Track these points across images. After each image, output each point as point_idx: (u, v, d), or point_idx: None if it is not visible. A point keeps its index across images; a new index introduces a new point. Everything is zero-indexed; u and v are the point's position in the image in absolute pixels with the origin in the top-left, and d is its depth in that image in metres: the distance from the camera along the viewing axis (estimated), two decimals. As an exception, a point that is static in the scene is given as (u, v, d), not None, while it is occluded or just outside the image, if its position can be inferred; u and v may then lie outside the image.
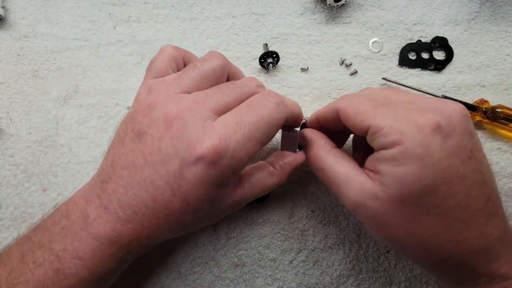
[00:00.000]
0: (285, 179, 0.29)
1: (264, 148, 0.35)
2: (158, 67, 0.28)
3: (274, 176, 0.29)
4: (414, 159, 0.22)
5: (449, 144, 0.22)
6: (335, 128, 0.29)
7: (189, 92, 0.26)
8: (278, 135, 0.32)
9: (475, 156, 0.23)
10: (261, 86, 0.28)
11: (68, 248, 0.24)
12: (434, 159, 0.22)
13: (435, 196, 0.22)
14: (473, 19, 0.39)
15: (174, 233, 0.27)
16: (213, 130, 0.23)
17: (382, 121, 0.23)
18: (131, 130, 0.26)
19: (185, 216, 0.25)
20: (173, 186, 0.24)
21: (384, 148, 0.23)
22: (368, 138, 0.25)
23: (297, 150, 0.30)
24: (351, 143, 0.35)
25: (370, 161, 0.25)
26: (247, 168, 0.29)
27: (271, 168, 0.29)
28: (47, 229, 0.26)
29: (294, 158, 0.30)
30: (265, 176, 0.28)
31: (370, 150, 0.25)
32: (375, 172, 0.24)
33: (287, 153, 0.30)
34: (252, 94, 0.27)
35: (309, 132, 0.30)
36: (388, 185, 0.23)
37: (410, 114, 0.23)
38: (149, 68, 0.29)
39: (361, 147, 0.30)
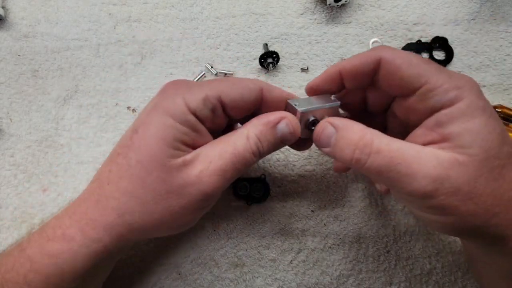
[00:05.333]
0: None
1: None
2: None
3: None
4: (480, 110, 0.21)
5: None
6: (356, 86, 0.26)
7: None
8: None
9: None
10: None
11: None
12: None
13: (511, 144, 0.21)
14: (473, 19, 0.39)
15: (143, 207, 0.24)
16: None
17: (440, 77, 0.21)
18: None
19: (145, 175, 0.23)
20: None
21: (442, 107, 0.21)
22: (419, 98, 0.22)
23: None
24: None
25: (427, 131, 0.22)
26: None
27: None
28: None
29: None
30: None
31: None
32: (441, 139, 0.21)
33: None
34: None
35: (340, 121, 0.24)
36: (467, 144, 0.20)
37: (453, 73, 0.22)
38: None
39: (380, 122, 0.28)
